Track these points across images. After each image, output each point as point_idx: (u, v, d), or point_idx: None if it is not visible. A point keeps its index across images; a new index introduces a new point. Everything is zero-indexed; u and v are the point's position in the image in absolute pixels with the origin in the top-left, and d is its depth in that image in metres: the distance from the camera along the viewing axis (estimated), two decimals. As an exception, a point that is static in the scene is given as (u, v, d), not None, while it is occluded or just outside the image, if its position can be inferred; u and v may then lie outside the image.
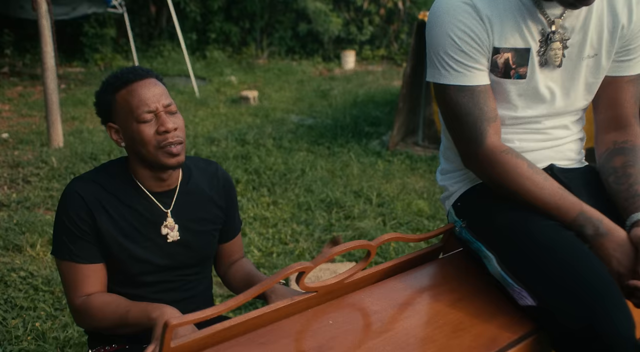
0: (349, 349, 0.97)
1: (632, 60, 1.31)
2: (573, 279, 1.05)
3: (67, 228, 1.36)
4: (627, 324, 1.01)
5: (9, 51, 10.15)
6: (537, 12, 1.21)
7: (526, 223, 1.17)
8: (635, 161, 1.26)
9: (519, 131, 1.30)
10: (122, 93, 1.33)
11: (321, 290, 1.10)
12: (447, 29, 1.19)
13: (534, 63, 1.23)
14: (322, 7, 10.91)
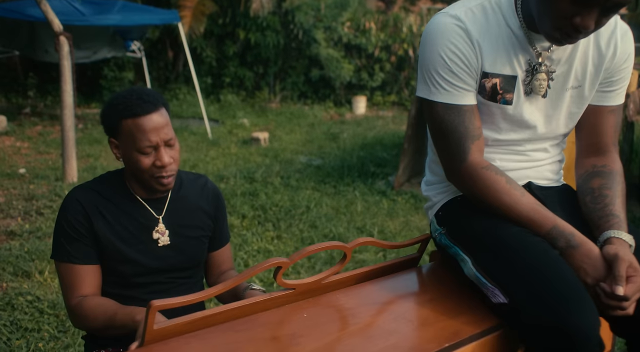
0: (320, 337, 1.04)
1: (615, 92, 1.38)
2: (542, 278, 1.11)
3: (65, 231, 1.46)
4: (592, 323, 1.06)
5: (31, 93, 10.53)
6: (526, 43, 1.27)
7: (500, 228, 1.24)
8: (611, 184, 1.32)
9: (500, 151, 1.37)
10: (128, 122, 1.42)
11: (299, 288, 1.18)
12: (439, 48, 1.26)
13: (520, 91, 1.30)
14: (335, 53, 11.22)
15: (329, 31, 11.54)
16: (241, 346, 1.01)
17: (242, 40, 11.11)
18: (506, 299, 1.13)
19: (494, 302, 1.16)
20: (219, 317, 1.08)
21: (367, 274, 1.31)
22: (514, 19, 1.27)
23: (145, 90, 1.49)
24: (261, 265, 1.08)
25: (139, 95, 1.44)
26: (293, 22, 11.20)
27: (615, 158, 1.39)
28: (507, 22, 1.27)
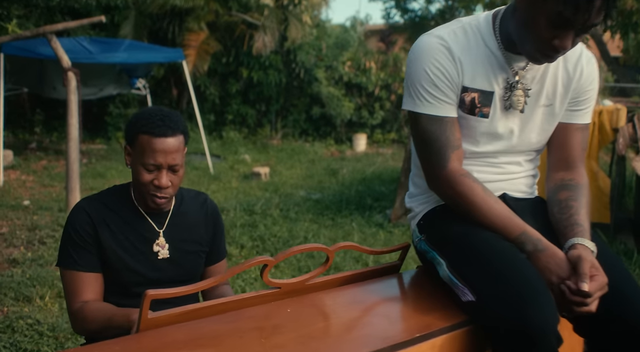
0: (300, 328, 1.13)
1: (581, 111, 1.50)
2: (506, 278, 1.20)
3: (72, 240, 1.56)
4: (550, 318, 1.14)
5: (38, 129, 10.75)
6: (504, 63, 1.40)
7: (472, 234, 1.34)
8: (577, 196, 1.42)
9: (477, 164, 1.48)
10: (144, 137, 1.52)
11: (284, 287, 1.27)
12: (424, 64, 1.38)
13: (497, 106, 1.42)
14: (335, 92, 11.47)
15: (330, 70, 11.82)
16: (227, 334, 1.10)
17: (245, 79, 11.38)
18: (474, 297, 1.22)
19: (463, 300, 1.25)
20: (208, 310, 1.17)
21: (350, 277, 1.40)
22: (493, 41, 1.40)
23: (172, 113, 1.58)
24: (248, 262, 1.17)
25: (162, 116, 1.54)
26: (295, 61, 11.49)
27: (582, 173, 1.49)
28: (486, 43, 1.40)
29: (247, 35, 10.79)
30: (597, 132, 4.94)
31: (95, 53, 7.98)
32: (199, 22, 10.46)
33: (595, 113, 4.92)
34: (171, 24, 10.68)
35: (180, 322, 1.13)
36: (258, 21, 10.48)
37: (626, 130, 4.82)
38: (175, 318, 1.12)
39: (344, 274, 1.39)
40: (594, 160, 4.99)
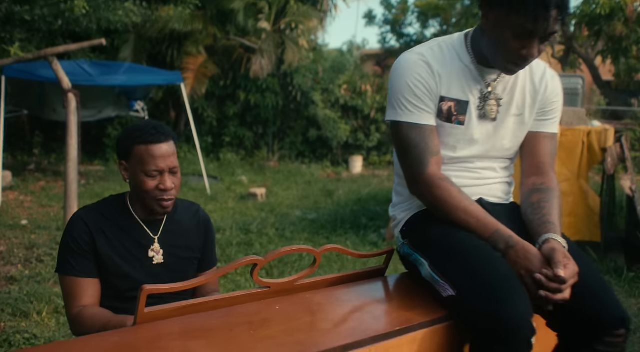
0: (288, 322, 1.20)
1: (548, 121, 1.64)
2: (482, 274, 1.30)
3: (70, 247, 1.64)
4: (523, 310, 1.23)
5: (37, 151, 10.84)
6: (478, 75, 1.54)
7: (451, 235, 1.44)
8: (549, 198, 1.53)
9: (455, 169, 1.59)
10: (140, 147, 1.63)
11: (274, 286, 1.34)
12: (406, 78, 1.52)
13: (472, 114, 1.55)
14: (332, 114, 11.61)
15: (327, 93, 11.98)
16: (218, 327, 1.17)
17: (243, 101, 11.52)
18: (454, 291, 1.30)
19: (444, 295, 1.33)
20: (201, 306, 1.24)
21: (337, 279, 1.48)
22: (466, 56, 1.54)
23: (160, 123, 1.71)
24: (238, 261, 1.24)
25: (154, 126, 1.67)
26: (292, 84, 11.65)
27: (552, 177, 1.60)
28: (460, 58, 1.54)
29: (245, 59, 10.96)
30: (586, 152, 5.05)
31: (95, 75, 8.11)
32: (197, 45, 10.63)
33: (584, 133, 5.04)
34: (170, 47, 10.86)
35: (174, 317, 1.20)
36: (255, 45, 10.66)
37: (614, 150, 4.92)
38: (170, 313, 1.19)
39: (331, 276, 1.46)
40: (583, 179, 5.08)
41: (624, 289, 4.19)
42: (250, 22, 10.87)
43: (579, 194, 5.04)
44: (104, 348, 1.05)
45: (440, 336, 1.27)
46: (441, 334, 1.27)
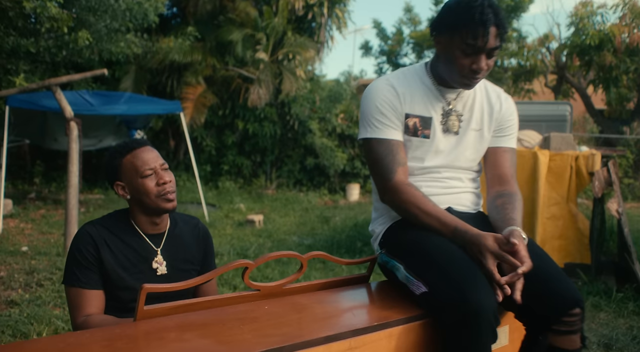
0: (275, 318, 1.31)
1: (506, 137, 1.82)
2: (450, 270, 1.44)
3: (77, 260, 1.74)
4: (487, 299, 1.36)
5: (37, 180, 10.97)
6: (439, 95, 1.72)
7: (422, 240, 1.58)
8: (511, 201, 1.69)
9: (424, 179, 1.73)
10: (128, 158, 1.77)
11: (263, 289, 1.46)
12: (375, 100, 1.70)
13: (436, 128, 1.71)
14: (329, 143, 11.79)
15: (324, 122, 12.19)
16: (212, 323, 1.28)
17: (241, 130, 11.71)
18: (426, 288, 1.43)
19: (417, 293, 1.45)
20: (196, 306, 1.35)
21: (323, 284, 1.59)
22: (427, 79, 1.73)
23: (133, 138, 1.87)
24: (230, 264, 1.36)
25: (130, 140, 1.83)
26: (289, 114, 11.87)
27: (513, 185, 1.78)
28: (422, 81, 1.73)
29: (243, 89, 11.20)
30: (574, 176, 5.18)
31: (96, 105, 8.28)
32: (196, 76, 10.88)
33: (572, 158, 5.18)
34: (170, 78, 11.11)
35: (171, 315, 1.31)
36: (253, 75, 10.90)
37: (601, 174, 5.05)
38: (167, 311, 1.31)
39: (318, 281, 1.58)
40: (573, 203, 5.20)
41: (613, 309, 4.27)
42: (248, 53, 11.15)
43: (569, 217, 5.16)
44: (107, 338, 1.15)
45: (415, 333, 1.38)
46: (416, 331, 1.38)
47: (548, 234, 5.15)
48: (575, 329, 1.47)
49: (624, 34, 12.56)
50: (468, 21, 1.52)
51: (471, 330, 1.34)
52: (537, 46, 14.88)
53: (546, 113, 6.22)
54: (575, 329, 1.48)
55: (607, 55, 12.68)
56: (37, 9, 4.96)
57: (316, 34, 12.16)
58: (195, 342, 1.15)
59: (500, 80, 15.34)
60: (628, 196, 12.34)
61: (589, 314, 4.19)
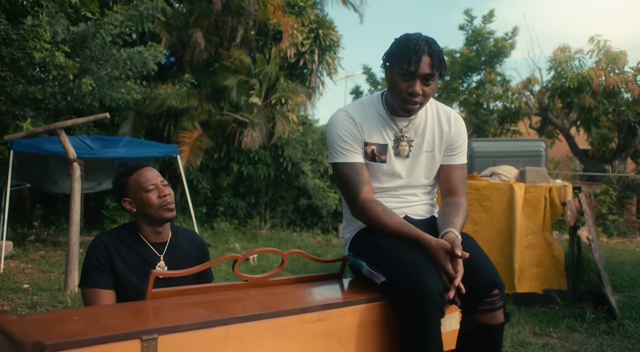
0: (260, 299, 1.61)
1: (456, 155, 2.10)
2: (404, 262, 1.74)
3: (92, 264, 2.05)
4: (434, 284, 1.66)
5: (36, 223, 11.22)
6: (392, 123, 2.01)
7: (382, 242, 1.87)
8: (455, 209, 1.98)
9: (384, 196, 2.03)
10: (133, 176, 2.10)
11: (250, 280, 1.76)
12: (337, 130, 1.98)
13: (391, 153, 2.00)
14: (321, 183, 12.15)
15: (316, 163, 12.58)
16: (207, 301, 1.57)
17: (236, 173, 12.08)
18: (385, 278, 1.73)
19: (378, 283, 1.75)
20: (195, 291, 1.65)
21: (302, 279, 1.89)
22: (382, 110, 2.03)
23: (137, 162, 2.19)
24: (223, 257, 1.67)
25: (134, 163, 2.16)
26: (282, 156, 12.27)
27: (461, 196, 2.07)
28: (377, 111, 2.03)
29: (238, 133, 11.63)
30: (548, 206, 5.52)
31: (96, 149, 8.64)
32: (192, 121, 11.31)
33: (546, 190, 5.52)
34: (167, 122, 11.54)
35: (174, 296, 1.61)
36: (247, 119, 11.34)
37: (573, 204, 5.39)
38: (171, 293, 1.61)
39: (297, 276, 1.88)
40: (548, 232, 5.51)
41: (585, 329, 4.53)
42: (242, 98, 11.63)
43: (545, 245, 5.46)
44: (123, 311, 1.45)
45: (375, 311, 1.67)
46: (376, 309, 1.67)
47: (526, 262, 5.43)
48: (496, 307, 1.77)
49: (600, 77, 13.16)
50: (405, 50, 1.83)
51: (422, 308, 1.64)
52: (521, 89, 15.50)
53: (523, 149, 6.61)
54: (497, 307, 1.77)
55: (587, 97, 13.24)
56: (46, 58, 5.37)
57: (307, 79, 12.70)
58: (194, 310, 1.45)
59: (487, 122, 15.87)
60: (613, 232, 12.64)
61: (563, 334, 4.45)
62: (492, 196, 5.62)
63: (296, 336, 1.48)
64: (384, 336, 1.69)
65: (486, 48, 16.04)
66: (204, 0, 11.34)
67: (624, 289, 6.20)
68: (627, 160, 14.86)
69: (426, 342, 1.66)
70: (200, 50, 11.15)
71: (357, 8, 13.65)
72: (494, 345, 1.81)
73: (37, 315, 1.76)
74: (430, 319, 1.66)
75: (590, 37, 13.92)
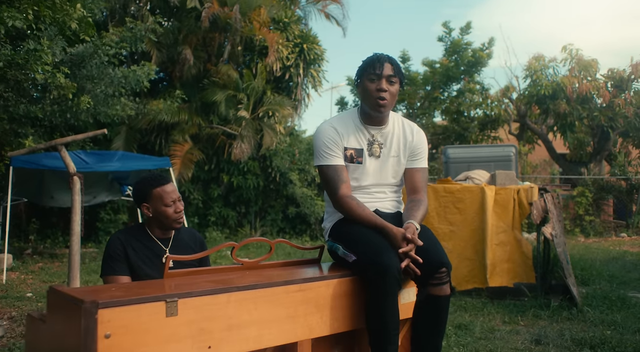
0: (254, 276, 2.04)
1: (417, 160, 2.54)
2: (369, 244, 2.16)
3: (111, 256, 2.47)
4: (393, 263, 2.08)
5: (32, 237, 11.54)
6: (365, 131, 2.46)
7: (354, 229, 2.30)
8: (416, 205, 2.42)
9: (359, 193, 2.45)
10: (157, 189, 2.52)
11: (245, 264, 2.19)
12: (322, 138, 2.42)
13: (365, 155, 2.44)
14: (308, 192, 12.59)
15: (303, 173, 13.03)
16: (212, 278, 2.00)
17: (226, 184, 12.49)
18: (355, 257, 2.16)
19: (350, 261, 2.18)
20: (200, 272, 2.08)
21: (287, 263, 2.32)
22: (357, 120, 2.48)
23: (160, 173, 2.61)
24: (222, 244, 2.10)
25: (158, 175, 2.57)
26: (271, 166, 12.70)
27: (422, 194, 2.49)
28: (354, 122, 2.48)
29: (227, 145, 12.05)
30: (517, 206, 5.99)
31: (91, 163, 8.99)
32: (183, 134, 11.72)
33: (515, 191, 6.00)
34: (158, 136, 11.94)
35: (185, 276, 2.04)
36: (236, 132, 11.77)
37: (539, 203, 5.87)
38: (182, 273, 2.04)
39: (284, 261, 2.31)
40: (517, 230, 5.98)
41: (548, 316, 4.99)
42: (231, 112, 12.06)
43: (514, 243, 5.92)
44: (148, 284, 1.87)
45: (346, 284, 2.10)
46: (347, 283, 2.10)
47: (497, 258, 5.89)
48: (444, 281, 2.20)
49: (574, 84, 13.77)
50: (370, 61, 2.37)
51: (383, 281, 2.07)
52: (500, 97, 16.09)
53: (494, 154, 7.09)
54: (444, 282, 2.20)
55: (562, 103, 13.84)
56: (48, 79, 5.77)
57: (294, 92, 13.16)
58: (203, 283, 1.87)
59: (468, 130, 16.43)
60: (590, 232, 13.16)
61: (529, 322, 4.90)
62: (466, 198, 6.09)
63: (282, 302, 1.91)
64: (351, 305, 2.12)
65: (465, 58, 16.61)
66: (192, 18, 11.80)
67: (591, 283, 6.68)
68: (602, 163, 15.46)
69: (386, 310, 2.09)
70: (189, 66, 11.58)
71: (340, 22, 14.18)
72: (442, 313, 2.24)
73: (84, 287, 2.18)
74: (389, 290, 2.09)
75: (563, 46, 14.57)
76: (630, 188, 13.84)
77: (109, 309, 1.55)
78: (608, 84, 14.19)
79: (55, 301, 1.73)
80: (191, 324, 1.70)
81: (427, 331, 2.24)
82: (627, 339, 4.15)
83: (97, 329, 1.52)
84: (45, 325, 1.78)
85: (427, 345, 2.24)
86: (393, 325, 2.12)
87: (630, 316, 4.94)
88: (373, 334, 2.13)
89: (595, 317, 4.89)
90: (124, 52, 7.10)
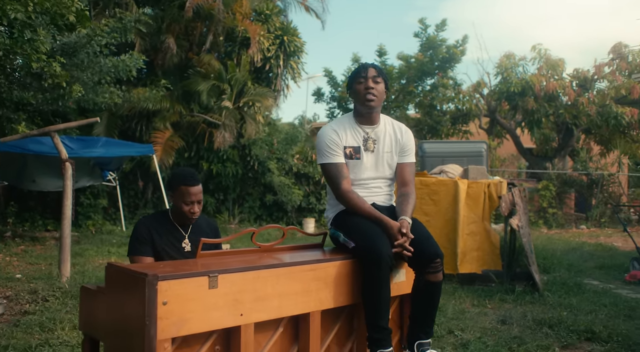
0: (270, 257, 2.42)
1: (407, 156, 2.89)
2: (366, 232, 2.53)
3: (137, 238, 2.80)
4: (386, 250, 2.45)
5: (11, 220, 11.63)
6: (360, 130, 2.80)
7: (354, 219, 2.66)
8: (406, 198, 2.78)
9: (359, 187, 2.80)
10: (182, 188, 2.83)
11: (263, 247, 2.56)
12: (324, 139, 2.76)
13: (362, 152, 2.79)
14: (286, 181, 12.95)
15: (281, 162, 13.37)
16: (236, 258, 2.37)
17: (205, 171, 12.75)
18: (354, 243, 2.55)
19: (350, 247, 2.57)
20: (226, 254, 2.45)
21: (297, 247, 2.70)
22: (353, 121, 2.84)
23: (194, 172, 2.93)
24: (243, 231, 2.47)
25: (191, 174, 2.88)
26: (250, 155, 13.01)
27: (411, 186, 2.86)
28: (350, 123, 2.84)
29: (207, 133, 12.30)
30: (487, 199, 6.47)
31: (76, 149, 9.15)
32: (164, 121, 11.92)
33: (485, 185, 6.47)
34: (139, 123, 12.11)
35: (213, 257, 2.40)
36: (218, 121, 12.03)
37: (507, 197, 6.36)
38: (212, 255, 2.40)
39: (294, 245, 2.69)
40: (487, 221, 6.46)
41: (513, 300, 5.49)
42: (212, 100, 12.30)
43: (484, 233, 6.40)
44: (189, 263, 2.24)
45: (348, 266, 2.48)
46: (349, 265, 2.49)
47: (468, 247, 6.36)
48: (438, 270, 2.58)
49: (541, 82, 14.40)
50: (357, 69, 2.75)
51: (376, 265, 2.45)
52: (472, 92, 16.66)
53: (467, 150, 7.55)
54: (438, 270, 2.58)
55: (530, 100, 14.46)
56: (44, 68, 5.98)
57: (273, 83, 13.46)
58: (232, 261, 2.24)
59: (440, 123, 16.98)
60: (553, 224, 13.87)
61: (496, 305, 5.39)
62: (440, 191, 6.55)
63: (298, 278, 2.29)
64: (353, 282, 2.51)
65: (439, 54, 17.10)
66: (175, 7, 11.96)
67: (552, 270, 7.24)
68: (566, 158, 16.19)
69: (379, 289, 2.47)
70: (172, 54, 11.76)
71: (320, 15, 14.51)
72: (437, 294, 2.63)
73: (136, 264, 2.52)
74: (382, 273, 2.46)
75: (532, 46, 15.22)
76: (591, 183, 14.60)
77: (166, 281, 1.90)
78: (573, 83, 14.88)
79: (116, 275, 2.07)
80: (227, 295, 2.06)
81: (426, 308, 2.64)
82: (580, 319, 4.67)
83: (157, 297, 1.87)
84: (105, 295, 2.12)
85: (426, 317, 2.66)
86: (385, 302, 2.51)
87: (584, 300, 5.48)
88: (368, 310, 2.52)
89: (554, 300, 5.41)
90: (114, 42, 7.30)
